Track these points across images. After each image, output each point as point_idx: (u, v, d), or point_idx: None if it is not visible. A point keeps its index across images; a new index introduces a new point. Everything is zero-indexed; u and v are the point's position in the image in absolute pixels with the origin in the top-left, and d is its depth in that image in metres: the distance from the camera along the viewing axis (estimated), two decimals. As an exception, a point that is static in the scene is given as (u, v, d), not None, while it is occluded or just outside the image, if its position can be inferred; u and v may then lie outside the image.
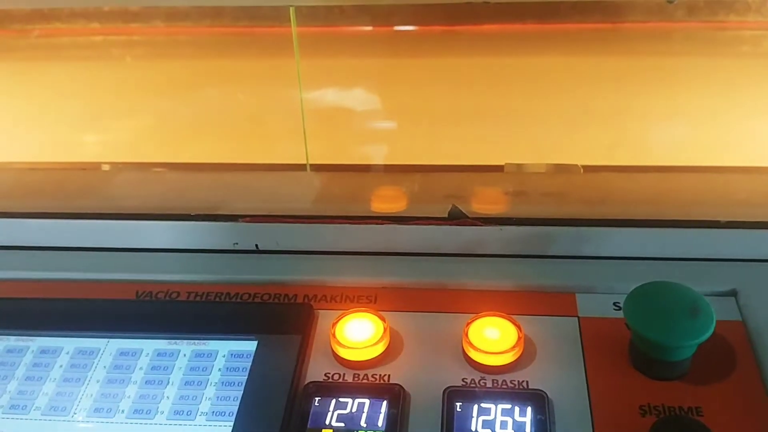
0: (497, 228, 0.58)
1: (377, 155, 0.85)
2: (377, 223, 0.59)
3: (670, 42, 0.79)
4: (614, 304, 0.54)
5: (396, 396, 0.47)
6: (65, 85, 0.89)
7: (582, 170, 0.77)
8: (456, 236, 0.58)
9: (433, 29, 0.86)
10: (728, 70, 0.79)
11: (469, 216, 0.59)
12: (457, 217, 0.59)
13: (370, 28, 0.86)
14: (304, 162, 0.81)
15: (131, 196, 0.68)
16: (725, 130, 0.79)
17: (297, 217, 0.59)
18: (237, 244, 0.60)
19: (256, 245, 0.60)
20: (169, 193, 0.68)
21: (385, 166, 0.83)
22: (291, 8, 0.75)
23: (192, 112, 0.88)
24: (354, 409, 0.47)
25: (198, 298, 0.57)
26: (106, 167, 0.82)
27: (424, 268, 0.58)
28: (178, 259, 0.60)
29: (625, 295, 0.49)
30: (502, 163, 0.83)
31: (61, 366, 0.52)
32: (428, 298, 0.55)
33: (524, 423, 0.45)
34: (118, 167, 0.83)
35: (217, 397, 0.49)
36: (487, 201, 0.65)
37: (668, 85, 0.80)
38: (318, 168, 0.82)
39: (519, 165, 0.79)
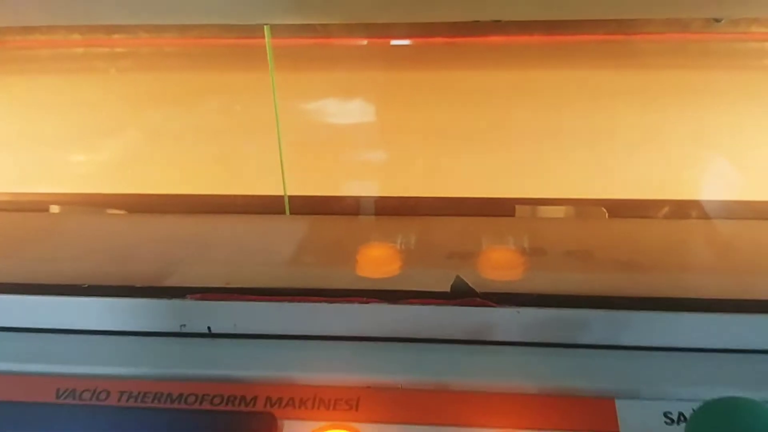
0: (514, 310, 0.45)
1: (366, 193, 0.73)
2: (361, 302, 0.46)
3: (688, 55, 0.68)
4: (665, 414, 0.42)
5: None
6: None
7: (606, 214, 0.66)
8: (462, 319, 0.46)
9: (433, 41, 0.74)
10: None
11: (477, 291, 0.47)
12: (462, 292, 0.47)
13: (365, 42, 0.74)
14: (281, 194, 0.71)
15: (49, 257, 0.56)
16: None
17: (260, 293, 0.47)
18: (185, 326, 0.48)
19: (209, 328, 0.48)
20: (98, 251, 0.56)
21: (376, 205, 0.72)
22: (266, 27, 0.63)
23: (148, 136, 0.77)
24: None
25: (131, 401, 0.44)
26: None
27: (421, 361, 0.45)
28: (110, 345, 0.48)
29: (678, 401, 0.38)
30: (511, 195, 0.72)
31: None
32: (425, 403, 0.43)
33: None
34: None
35: None
36: (498, 264, 0.53)
37: (703, 103, 0.68)
38: (297, 209, 0.70)
39: (533, 208, 0.67)
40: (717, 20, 0.60)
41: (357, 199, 0.74)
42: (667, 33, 0.67)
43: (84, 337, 0.48)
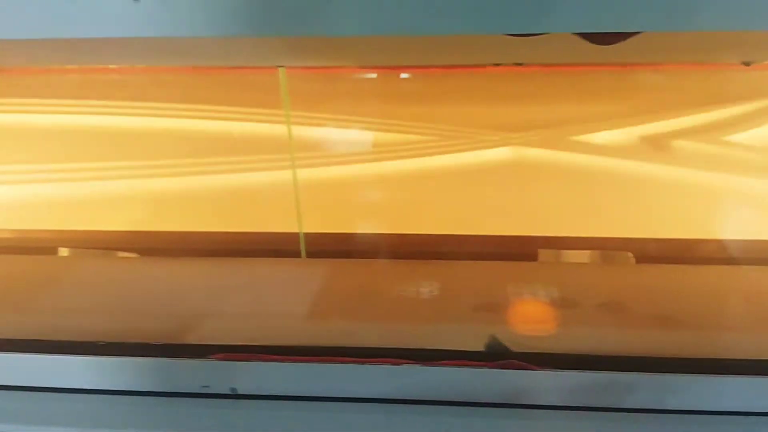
0: (553, 373, 0.43)
1: (384, 231, 0.71)
2: (393, 363, 0.44)
3: (717, 86, 0.66)
4: (717, 486, 0.40)
5: None
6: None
7: (633, 259, 0.64)
8: (499, 382, 0.44)
9: (434, 71, 0.73)
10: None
11: (514, 351, 0.45)
12: (497, 353, 0.45)
13: (374, 75, 0.72)
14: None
15: (59, 309, 0.54)
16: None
17: (287, 352, 0.45)
18: (207, 387, 0.45)
19: (233, 389, 0.45)
20: (109, 302, 0.54)
21: (394, 244, 0.70)
22: (281, 69, 0.61)
23: (156, 170, 0.75)
24: None
25: (152, 469, 0.42)
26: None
27: (457, 425, 0.43)
28: (128, 407, 0.45)
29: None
30: (532, 233, 0.70)
31: None
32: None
33: None
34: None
35: None
36: (529, 318, 0.51)
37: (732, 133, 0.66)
38: (312, 247, 0.69)
39: (556, 252, 0.66)
40: (746, 63, 0.59)
41: (375, 237, 0.72)
42: (690, 64, 0.65)
43: (99, 398, 0.46)
